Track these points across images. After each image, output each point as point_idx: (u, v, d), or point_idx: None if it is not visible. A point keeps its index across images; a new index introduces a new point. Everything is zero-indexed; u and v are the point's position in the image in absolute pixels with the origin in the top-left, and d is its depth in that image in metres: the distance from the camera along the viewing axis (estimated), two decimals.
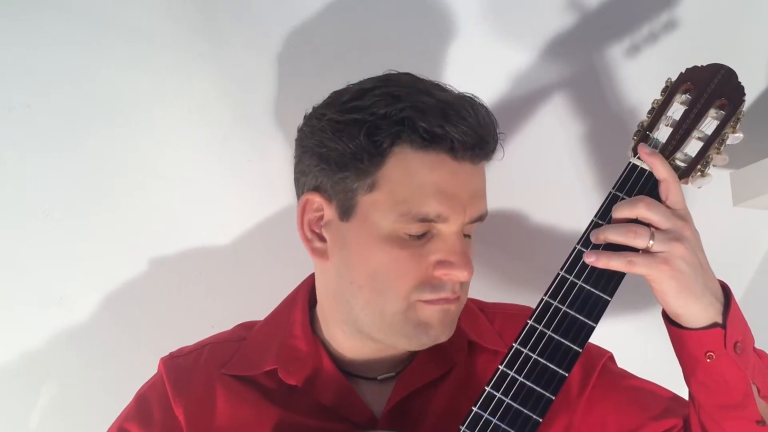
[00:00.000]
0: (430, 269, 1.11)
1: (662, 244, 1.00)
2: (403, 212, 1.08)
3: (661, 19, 1.53)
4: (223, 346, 1.27)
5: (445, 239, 1.11)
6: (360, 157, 1.09)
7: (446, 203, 1.09)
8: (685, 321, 1.04)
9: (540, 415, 1.02)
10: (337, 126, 1.10)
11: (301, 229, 1.18)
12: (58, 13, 1.46)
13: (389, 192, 1.09)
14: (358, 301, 1.14)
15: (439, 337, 1.14)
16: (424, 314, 1.12)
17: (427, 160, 1.08)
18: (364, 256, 1.12)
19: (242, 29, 1.52)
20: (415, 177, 1.08)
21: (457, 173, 1.10)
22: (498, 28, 1.54)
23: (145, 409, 1.22)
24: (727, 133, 1.07)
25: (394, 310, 1.12)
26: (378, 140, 1.08)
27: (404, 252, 1.10)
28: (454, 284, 1.13)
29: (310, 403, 1.18)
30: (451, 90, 1.16)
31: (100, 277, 1.53)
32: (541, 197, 1.61)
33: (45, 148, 1.49)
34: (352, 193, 1.11)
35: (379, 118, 1.08)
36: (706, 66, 1.10)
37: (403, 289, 1.11)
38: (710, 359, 1.03)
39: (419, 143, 1.08)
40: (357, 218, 1.12)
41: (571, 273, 1.05)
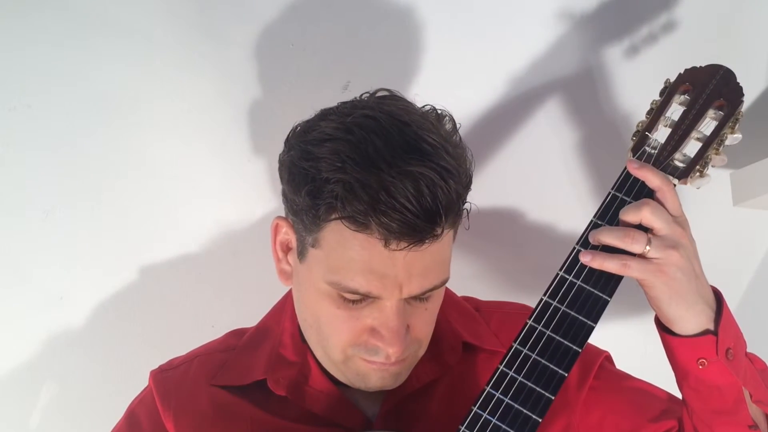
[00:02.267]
0: (365, 333, 1.09)
1: (658, 251, 1.00)
2: (334, 281, 1.05)
3: (660, 20, 1.53)
4: (212, 357, 1.26)
5: (381, 309, 1.07)
6: (305, 213, 1.06)
7: (375, 283, 1.04)
8: (677, 328, 1.04)
9: (540, 415, 1.02)
10: (294, 171, 1.07)
11: (273, 247, 1.18)
12: (58, 13, 1.45)
13: (326, 256, 1.06)
14: (310, 336, 1.16)
15: (383, 387, 1.14)
16: (362, 368, 1.12)
17: (360, 238, 1.02)
18: (310, 302, 1.12)
19: (242, 29, 1.51)
20: (347, 251, 1.03)
21: (392, 257, 1.03)
22: (498, 28, 1.55)
23: (135, 424, 1.22)
24: (725, 133, 1.07)
25: (335, 358, 1.13)
26: (318, 204, 1.03)
27: (339, 311, 1.08)
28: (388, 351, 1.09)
29: (302, 412, 1.17)
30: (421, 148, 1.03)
31: (100, 277, 1.53)
32: (540, 197, 1.61)
33: (45, 148, 1.49)
34: (303, 239, 1.09)
35: (322, 182, 1.02)
36: (704, 67, 1.10)
37: (339, 344, 1.10)
38: (702, 366, 1.03)
39: (349, 223, 1.01)
40: (306, 264, 1.10)
41: (571, 273, 1.05)
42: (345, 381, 1.16)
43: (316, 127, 1.08)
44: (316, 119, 1.12)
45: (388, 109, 1.07)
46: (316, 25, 1.53)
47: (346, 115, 1.07)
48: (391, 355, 1.08)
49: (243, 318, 1.34)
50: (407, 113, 1.08)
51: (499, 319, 1.29)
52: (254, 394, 1.19)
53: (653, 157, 1.08)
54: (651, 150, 1.08)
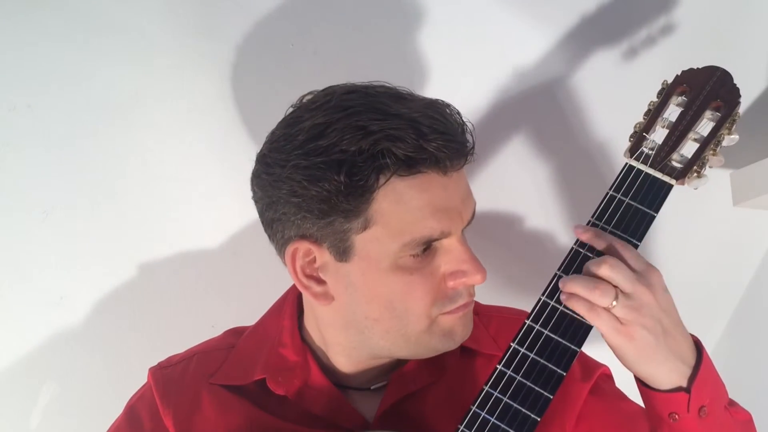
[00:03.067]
0: (443, 283, 1.10)
1: (623, 310, 0.99)
2: (406, 242, 1.05)
3: (658, 21, 1.53)
4: (211, 355, 1.26)
5: (449, 250, 1.09)
6: (344, 198, 1.03)
7: (445, 219, 1.06)
8: (649, 382, 1.04)
9: (538, 414, 1.02)
10: (308, 172, 1.03)
11: (296, 276, 1.12)
12: (58, 13, 1.46)
13: (386, 225, 1.04)
14: (376, 332, 1.12)
15: (463, 338, 1.14)
16: (448, 324, 1.12)
17: (416, 183, 1.04)
18: (374, 291, 1.09)
19: (242, 29, 1.51)
20: (408, 204, 1.04)
21: (447, 186, 1.06)
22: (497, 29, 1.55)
23: (135, 420, 1.22)
24: (722, 134, 1.07)
25: (418, 330, 1.11)
26: (361, 179, 1.02)
27: (414, 276, 1.07)
28: (469, 288, 1.12)
29: (301, 412, 1.17)
30: (407, 97, 1.10)
31: (100, 277, 1.54)
32: (538, 198, 1.61)
33: (45, 148, 1.49)
34: (344, 234, 1.06)
35: (353, 155, 1.01)
36: (701, 68, 1.10)
37: (423, 310, 1.09)
38: (674, 420, 1.03)
39: (404, 170, 1.02)
40: (357, 257, 1.07)
41: (569, 273, 1.05)
42: (429, 353, 1.14)
43: (297, 132, 1.07)
44: (286, 128, 1.10)
45: (348, 85, 1.11)
46: (316, 25, 1.53)
47: (322, 105, 1.08)
48: (480, 281, 1.10)
49: (243, 317, 1.34)
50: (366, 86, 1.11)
51: (497, 323, 1.29)
52: (253, 393, 1.19)
53: (650, 158, 1.08)
54: (648, 151, 1.08)
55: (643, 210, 1.07)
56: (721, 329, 1.75)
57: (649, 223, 1.06)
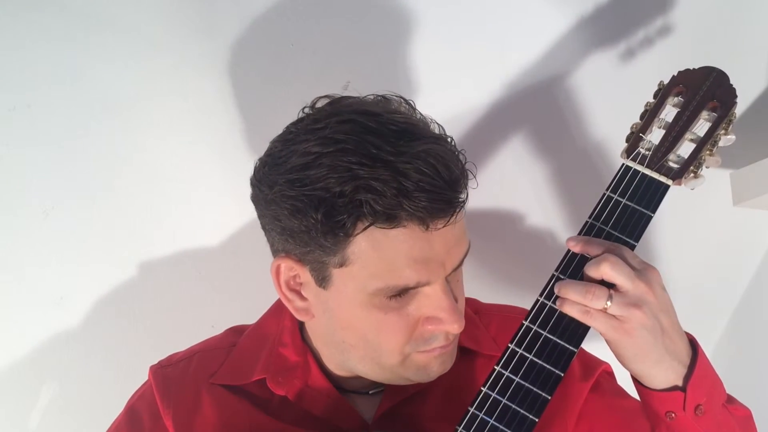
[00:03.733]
0: (419, 325, 1.08)
1: (619, 308, 0.98)
2: (379, 287, 1.03)
3: (655, 22, 1.53)
4: (212, 354, 1.26)
5: (429, 296, 1.07)
6: (322, 236, 1.02)
7: (423, 270, 1.04)
8: (645, 382, 1.04)
9: (536, 415, 1.02)
10: (291, 202, 1.03)
11: (279, 289, 1.13)
12: (58, 12, 1.46)
13: (362, 267, 1.03)
14: (353, 356, 1.12)
15: (441, 373, 1.13)
16: (422, 361, 1.11)
17: (394, 234, 1.01)
18: (349, 322, 1.09)
19: (242, 29, 1.51)
20: (385, 252, 1.02)
21: (430, 239, 1.03)
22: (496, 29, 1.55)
23: (135, 419, 1.22)
24: (719, 134, 1.07)
25: (391, 363, 1.10)
26: (339, 221, 1.00)
27: (389, 315, 1.06)
28: (447, 333, 1.10)
29: (301, 413, 1.17)
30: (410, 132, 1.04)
31: (100, 277, 1.54)
32: (535, 199, 1.61)
33: (45, 148, 1.49)
34: (323, 264, 1.05)
35: (334, 197, 1.00)
36: (698, 69, 1.10)
37: (395, 347, 1.08)
38: (671, 419, 1.03)
39: (383, 222, 1.00)
40: (334, 288, 1.07)
41: (566, 274, 1.05)
42: (402, 381, 1.14)
43: (291, 154, 1.05)
44: (283, 147, 1.08)
45: (351, 108, 1.07)
46: (316, 25, 1.53)
47: (318, 130, 1.05)
48: (455, 330, 1.08)
49: (243, 317, 1.34)
50: (367, 105, 1.09)
51: (498, 323, 1.28)
52: (253, 393, 1.19)
53: (647, 159, 1.08)
54: (645, 151, 1.08)
55: (640, 210, 1.06)
56: (721, 329, 1.75)
57: (646, 223, 1.06)
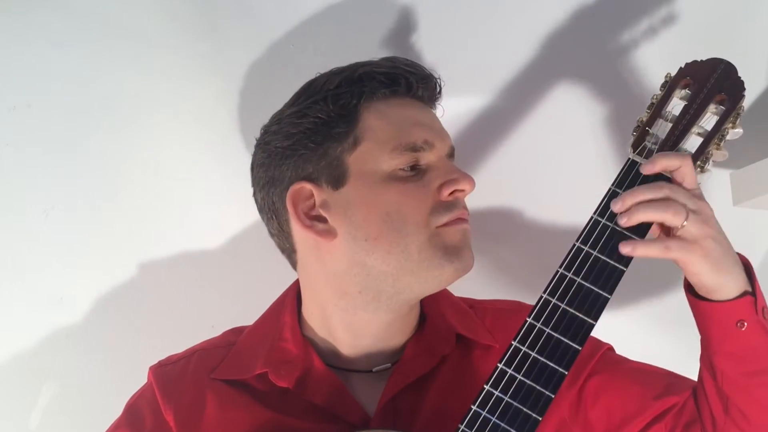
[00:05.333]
0: (437, 194, 1.16)
1: (694, 225, 1.01)
2: (393, 147, 1.15)
3: (661, 13, 1.52)
4: (212, 352, 1.27)
5: (437, 166, 1.18)
6: (334, 123, 1.16)
7: (427, 130, 1.18)
8: (718, 295, 1.05)
9: (539, 414, 1.02)
10: (298, 113, 1.19)
11: (299, 221, 1.18)
12: (58, 12, 1.46)
13: (373, 139, 1.16)
14: (378, 255, 1.14)
15: (468, 260, 1.17)
16: (449, 237, 1.15)
17: (395, 102, 1.20)
18: (371, 206, 1.15)
19: (242, 29, 1.52)
20: (391, 117, 1.18)
21: (424, 110, 1.23)
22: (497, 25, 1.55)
23: (136, 417, 1.22)
24: (726, 128, 1.06)
25: (419, 242, 1.13)
26: (345, 103, 1.17)
27: (408, 185, 1.15)
28: (462, 201, 1.18)
29: (303, 405, 1.17)
30: None
31: (100, 277, 1.53)
32: (540, 193, 1.60)
33: (45, 148, 1.49)
34: (338, 159, 1.16)
35: (337, 87, 1.18)
36: (705, 61, 1.09)
37: (420, 218, 1.14)
38: (742, 327, 1.04)
39: (384, 91, 1.19)
40: (352, 178, 1.16)
41: (570, 270, 1.05)
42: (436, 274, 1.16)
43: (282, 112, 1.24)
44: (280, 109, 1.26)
45: None
46: (316, 25, 1.53)
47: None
48: (469, 186, 1.17)
49: (242, 318, 1.34)
50: None
51: (493, 316, 1.30)
52: (255, 387, 1.20)
53: (654, 153, 1.07)
54: (652, 145, 1.08)
55: None
56: None
57: None
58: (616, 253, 1.04)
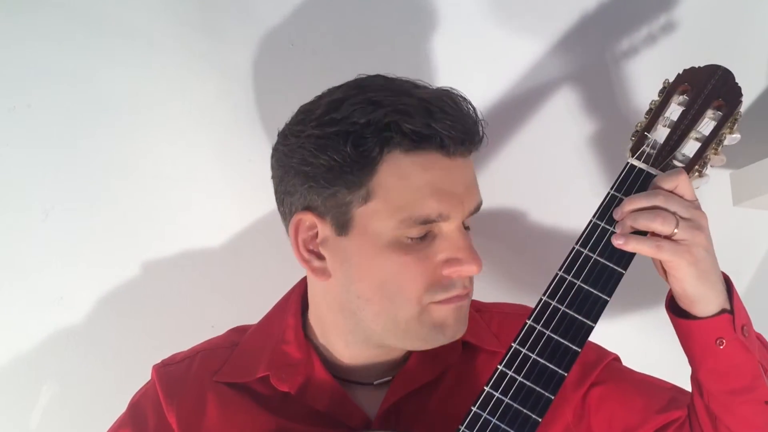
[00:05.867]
0: (438, 269, 1.09)
1: (685, 232, 1.01)
2: (403, 218, 1.06)
3: (659, 20, 1.53)
4: (215, 353, 1.26)
5: (447, 237, 1.09)
6: (349, 169, 1.06)
7: (445, 201, 1.07)
8: (697, 309, 1.05)
9: (539, 415, 1.02)
10: (319, 141, 1.07)
11: (297, 250, 1.14)
12: (58, 13, 1.46)
13: (386, 199, 1.06)
14: (367, 313, 1.12)
15: (455, 334, 1.13)
16: (439, 315, 1.11)
17: (419, 161, 1.06)
18: (368, 269, 1.09)
19: (242, 29, 1.52)
20: (409, 180, 1.06)
21: (451, 169, 1.08)
22: (497, 29, 1.54)
23: (139, 415, 1.22)
24: (724, 133, 1.07)
25: (408, 316, 1.10)
26: (366, 149, 1.05)
27: (409, 257, 1.08)
28: (464, 280, 1.11)
29: (304, 409, 1.17)
30: (426, 86, 1.13)
31: (100, 277, 1.53)
32: (539, 197, 1.61)
33: (45, 148, 1.49)
34: (346, 206, 1.08)
35: (362, 127, 1.05)
36: (703, 67, 1.10)
37: (414, 294, 1.09)
38: (721, 345, 1.05)
39: (409, 145, 1.05)
40: (355, 231, 1.09)
41: (570, 273, 1.05)
42: (419, 344, 1.14)
43: (316, 108, 1.11)
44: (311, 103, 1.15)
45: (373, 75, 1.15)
46: (316, 25, 1.53)
47: (345, 84, 1.13)
48: (474, 271, 1.10)
49: (243, 318, 1.34)
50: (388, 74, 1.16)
51: (499, 320, 1.29)
52: (257, 390, 1.19)
53: (652, 157, 1.08)
54: (650, 150, 1.08)
55: None
56: None
57: None
58: (615, 256, 1.05)
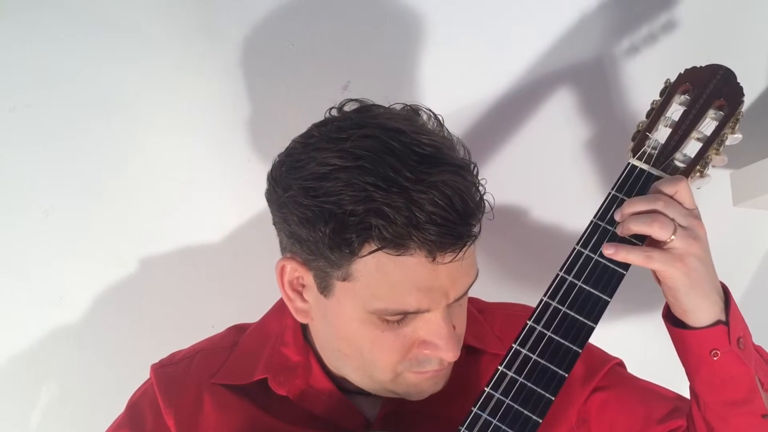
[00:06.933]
0: (414, 347, 1.08)
1: (681, 241, 1.00)
2: (379, 309, 1.04)
3: (660, 19, 1.53)
4: (214, 354, 1.25)
5: (427, 321, 1.06)
6: (329, 250, 1.02)
7: (426, 298, 1.03)
8: (691, 319, 1.04)
9: (540, 416, 1.02)
10: (302, 211, 1.02)
11: (282, 288, 1.13)
12: (58, 12, 1.46)
13: (365, 285, 1.03)
14: (346, 364, 1.13)
15: (432, 392, 1.14)
16: (414, 381, 1.11)
17: (401, 261, 1.00)
18: (345, 333, 1.09)
19: (242, 29, 1.52)
20: (389, 276, 1.01)
21: (435, 269, 1.02)
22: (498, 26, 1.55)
23: (137, 416, 1.22)
24: (726, 133, 1.07)
25: (383, 379, 1.11)
26: (347, 239, 1.00)
27: (385, 334, 1.06)
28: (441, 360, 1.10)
29: (302, 413, 1.17)
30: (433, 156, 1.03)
31: (100, 277, 1.54)
32: (540, 198, 1.61)
33: (45, 148, 1.49)
34: (327, 275, 1.05)
35: (345, 214, 0.99)
36: (704, 67, 1.09)
37: (388, 365, 1.08)
38: (715, 357, 1.03)
39: (390, 249, 1.00)
40: (335, 299, 1.07)
41: (570, 273, 1.05)
42: (392, 395, 1.14)
43: (309, 160, 1.05)
44: (303, 150, 1.07)
45: (377, 122, 1.06)
46: (316, 25, 1.53)
47: (340, 141, 1.04)
48: (450, 359, 1.08)
49: (243, 317, 1.34)
50: (394, 119, 1.07)
51: (502, 321, 1.28)
52: (255, 393, 1.19)
53: (653, 158, 1.07)
54: (651, 150, 1.08)
55: None
56: None
57: None
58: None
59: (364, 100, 1.13)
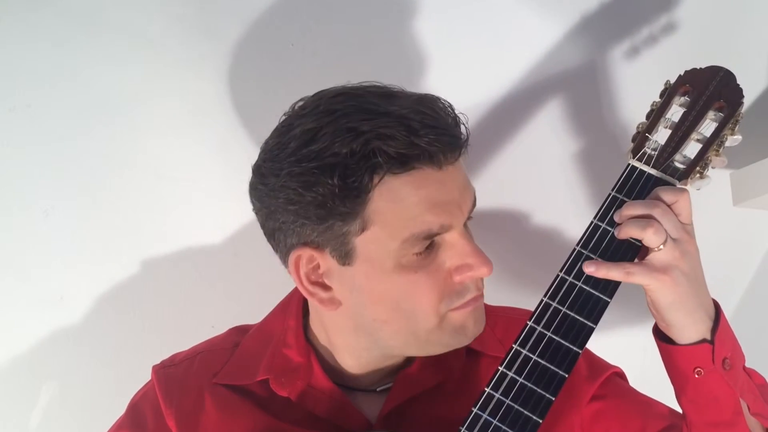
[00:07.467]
0: (449, 278, 1.08)
1: (669, 252, 1.00)
2: (405, 238, 1.03)
3: (661, 21, 1.53)
4: (215, 354, 1.25)
5: (452, 245, 1.07)
6: (340, 202, 1.02)
7: (443, 212, 1.04)
8: (675, 335, 1.05)
9: (540, 416, 1.02)
10: (302, 178, 1.03)
11: (301, 284, 1.11)
12: (58, 13, 1.46)
13: (384, 224, 1.03)
14: (385, 332, 1.11)
15: (476, 334, 1.13)
16: (458, 320, 1.10)
17: (411, 180, 1.02)
18: (380, 293, 1.07)
19: (242, 29, 1.52)
20: (404, 201, 1.03)
21: (443, 180, 1.05)
22: (498, 28, 1.55)
23: (138, 417, 1.22)
24: (725, 135, 1.07)
25: (429, 327, 1.09)
26: (355, 180, 1.01)
27: (419, 274, 1.06)
28: (477, 281, 1.11)
29: (304, 414, 1.17)
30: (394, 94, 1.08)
31: (100, 277, 1.54)
32: (541, 199, 1.61)
33: (45, 148, 1.49)
34: (344, 237, 1.05)
35: (345, 158, 1.00)
36: (704, 68, 1.09)
37: (431, 308, 1.07)
38: (699, 375, 1.04)
39: (398, 167, 1.01)
40: (359, 259, 1.06)
41: (570, 274, 1.05)
42: (441, 349, 1.13)
43: (289, 140, 1.06)
44: (278, 139, 1.09)
45: (334, 88, 1.10)
46: (316, 25, 1.53)
47: (314, 110, 1.06)
48: (485, 274, 1.09)
49: (243, 317, 1.34)
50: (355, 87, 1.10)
51: (504, 325, 1.28)
52: (257, 393, 1.19)
53: (653, 159, 1.07)
54: (651, 151, 1.08)
55: None
56: None
57: None
58: (616, 257, 1.04)
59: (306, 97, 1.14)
